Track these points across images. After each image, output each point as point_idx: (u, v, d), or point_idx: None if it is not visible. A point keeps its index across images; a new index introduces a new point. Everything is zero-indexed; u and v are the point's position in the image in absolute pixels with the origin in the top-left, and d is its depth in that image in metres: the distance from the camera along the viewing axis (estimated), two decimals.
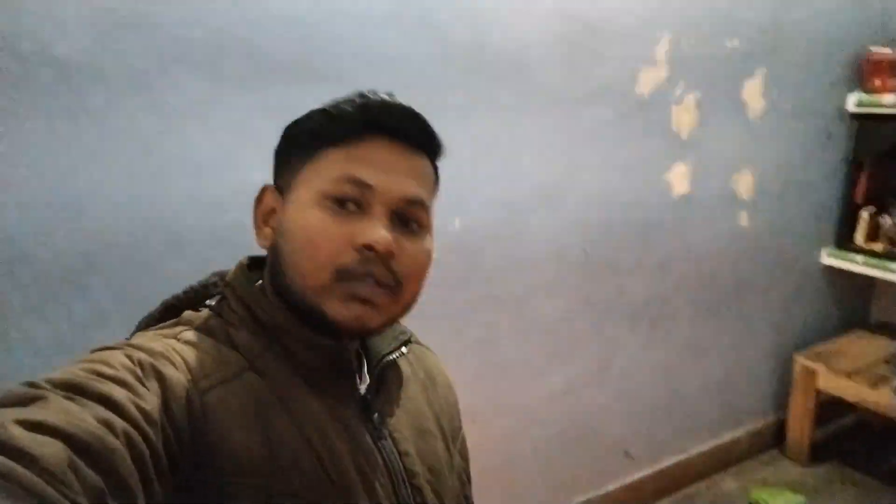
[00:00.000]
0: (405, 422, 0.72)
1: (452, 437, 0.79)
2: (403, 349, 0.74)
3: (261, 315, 0.64)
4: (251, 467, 0.56)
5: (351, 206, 0.62)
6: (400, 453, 0.68)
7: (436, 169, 0.71)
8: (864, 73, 2.41)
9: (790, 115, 2.31)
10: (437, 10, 1.49)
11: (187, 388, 0.56)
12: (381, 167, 0.63)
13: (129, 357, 0.54)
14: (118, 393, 0.49)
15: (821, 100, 2.39)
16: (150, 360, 0.55)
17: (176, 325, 0.65)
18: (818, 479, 2.49)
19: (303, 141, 0.66)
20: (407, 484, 0.67)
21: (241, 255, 0.73)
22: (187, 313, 0.66)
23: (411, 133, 0.65)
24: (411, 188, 0.64)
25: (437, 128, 0.68)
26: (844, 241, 2.57)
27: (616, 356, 2.10)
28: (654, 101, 1.94)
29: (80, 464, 0.42)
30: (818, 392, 2.47)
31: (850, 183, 2.53)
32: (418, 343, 0.83)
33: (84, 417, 0.45)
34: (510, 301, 1.80)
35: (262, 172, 0.73)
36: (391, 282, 0.62)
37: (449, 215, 1.62)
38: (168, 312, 0.68)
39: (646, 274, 2.08)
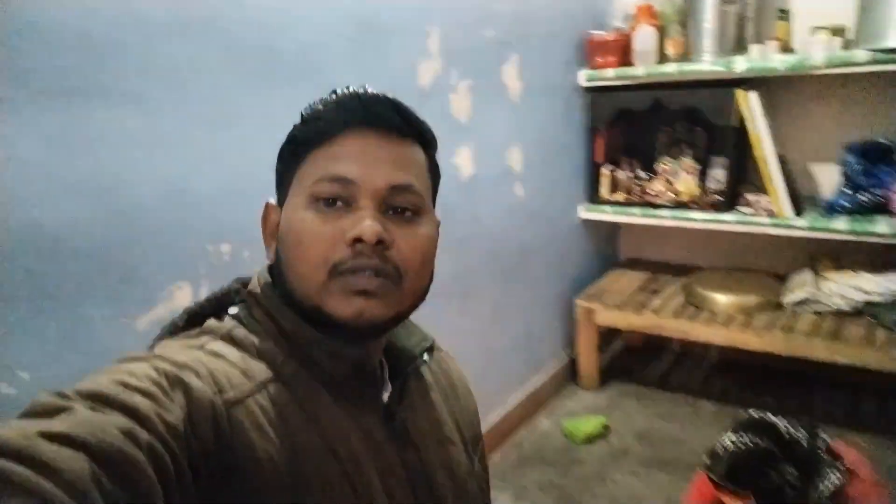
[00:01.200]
0: (427, 430, 0.72)
1: (473, 445, 0.80)
2: (426, 357, 0.74)
3: (284, 325, 0.64)
4: (276, 479, 0.56)
5: (338, 204, 0.62)
6: (422, 462, 0.69)
7: (430, 156, 0.70)
8: (589, 52, 2.85)
9: (540, 93, 2.63)
10: (224, 15, 1.42)
11: (213, 400, 0.55)
12: (361, 160, 0.62)
13: (155, 368, 0.53)
14: (143, 405, 0.49)
15: (560, 77, 2.77)
16: (176, 371, 0.54)
17: (200, 334, 0.63)
18: (610, 399, 2.93)
19: (288, 150, 0.67)
20: (430, 493, 0.68)
21: None
22: (211, 322, 0.65)
23: (389, 121, 0.65)
24: (395, 175, 0.63)
25: (236, 135, 0.69)
26: (594, 196, 3.02)
27: (436, 332, 2.22)
28: (433, 91, 2.07)
29: (104, 478, 0.43)
30: (598, 327, 2.90)
31: (591, 146, 2.98)
32: (439, 349, 0.82)
33: (109, 429, 0.45)
34: None
35: None
36: (390, 272, 0.62)
37: None
38: (191, 320, 0.67)
39: (452, 253, 2.24)
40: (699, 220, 2.76)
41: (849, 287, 2.56)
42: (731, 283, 2.80)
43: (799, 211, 2.60)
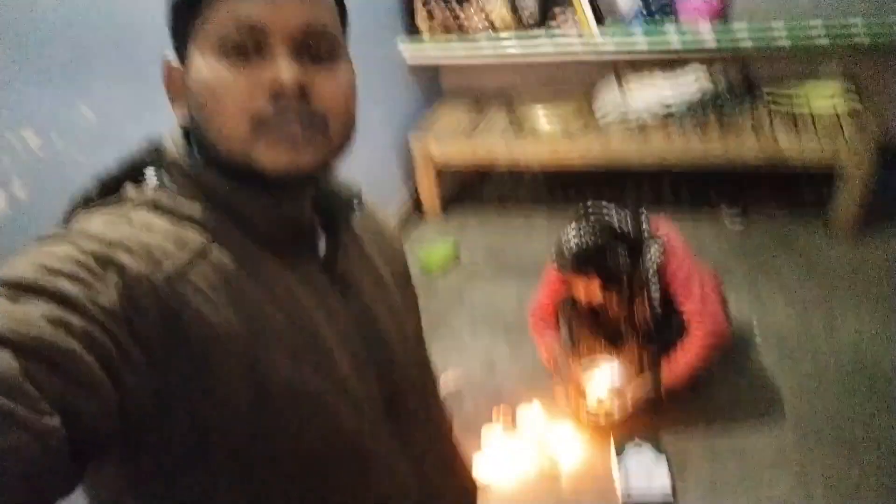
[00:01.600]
0: (364, 274, 0.72)
1: (405, 280, 0.81)
2: (356, 206, 0.72)
3: (208, 184, 0.60)
4: (231, 342, 0.56)
5: (249, 51, 0.57)
6: (364, 308, 0.69)
7: (339, 2, 0.64)
8: None
9: None
10: None
11: (150, 276, 0.53)
12: (268, 1, 0.56)
13: (80, 249, 0.51)
14: (71, 290, 0.47)
15: None
16: (105, 250, 0.51)
17: (121, 203, 0.59)
18: (454, 227, 3.11)
19: (181, 1, 0.59)
20: (377, 337, 0.70)
21: None
22: (130, 189, 0.60)
23: None
24: (306, 14, 0.58)
25: None
26: (411, 27, 2.96)
27: None
28: None
29: (35, 371, 0.42)
30: (433, 159, 2.97)
31: None
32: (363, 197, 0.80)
33: (34, 321, 0.44)
34: None
35: None
36: (315, 119, 0.58)
37: None
38: (105, 190, 0.61)
39: None
40: (516, 49, 2.84)
41: (650, 94, 2.84)
42: (549, 104, 2.97)
43: (601, 22, 2.78)
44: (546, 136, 2.84)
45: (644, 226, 1.81)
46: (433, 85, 3.41)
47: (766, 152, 2.54)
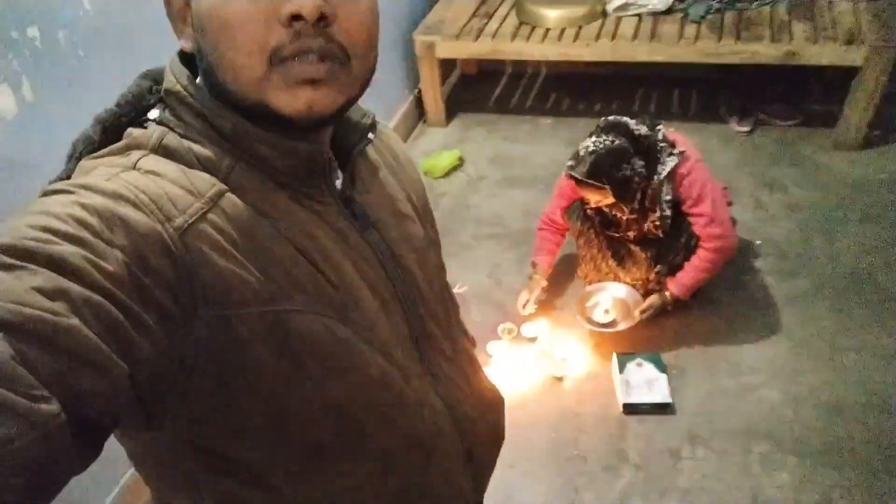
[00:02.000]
0: (384, 208, 0.69)
1: (424, 213, 0.79)
2: (371, 135, 0.68)
3: (221, 124, 0.56)
4: (252, 294, 0.54)
5: None
6: (385, 240, 0.67)
7: None
8: None
9: None
10: None
11: (161, 231, 0.50)
12: None
13: (83, 205, 0.47)
14: (72, 255, 0.44)
15: None
16: (110, 205, 0.48)
17: (127, 149, 0.55)
18: (458, 132, 3.05)
19: None
20: (397, 268, 0.68)
21: None
22: (135, 132, 0.57)
23: None
24: None
25: None
26: None
27: None
28: None
29: (29, 352, 0.39)
30: (439, 60, 2.86)
31: None
32: (379, 123, 0.75)
33: (28, 296, 0.40)
34: None
35: None
36: (337, 52, 0.53)
37: None
38: (107, 133, 0.57)
39: None
40: None
41: None
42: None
43: None
44: (556, 31, 2.72)
45: (660, 137, 1.79)
46: None
47: (782, 50, 2.46)
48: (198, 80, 0.59)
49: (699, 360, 1.94)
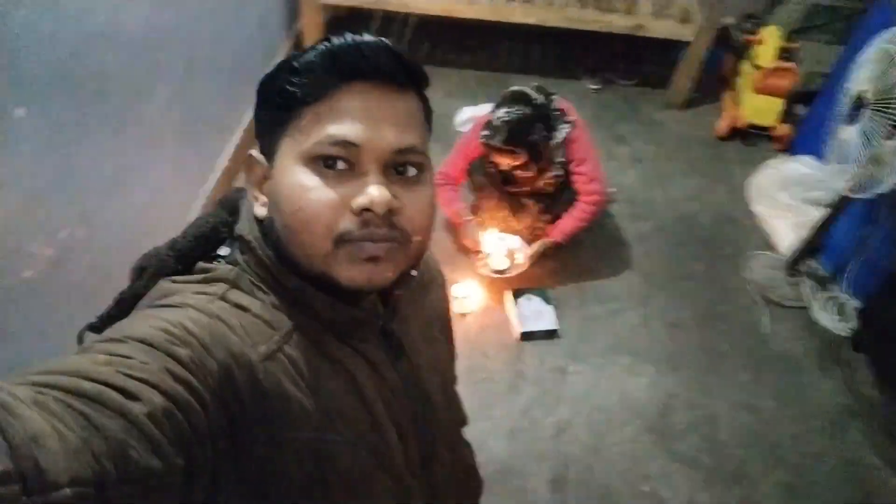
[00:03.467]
0: (417, 335, 0.74)
1: (446, 328, 0.85)
2: (415, 272, 0.71)
3: (284, 280, 0.62)
4: (306, 422, 0.60)
5: (340, 165, 0.57)
6: (413, 367, 0.73)
7: (424, 102, 0.64)
8: None
9: None
10: None
11: (249, 355, 0.57)
12: (363, 120, 0.57)
13: (192, 320, 0.56)
14: (185, 355, 0.53)
15: None
16: (213, 323, 0.56)
17: (212, 280, 0.62)
18: None
19: (276, 101, 0.59)
20: (420, 393, 0.74)
21: None
22: (215, 268, 0.63)
23: (389, 71, 0.58)
24: (400, 137, 0.58)
25: None
26: None
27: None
28: None
29: (172, 412, 0.48)
30: (321, 4, 2.85)
31: None
32: None
33: (163, 375, 0.50)
34: None
35: None
36: (399, 237, 0.59)
37: None
38: (180, 261, 0.64)
39: None
40: None
41: None
42: None
43: None
44: None
45: (554, 106, 2.07)
46: None
47: (633, 23, 2.86)
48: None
49: (574, 293, 2.33)
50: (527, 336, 2.16)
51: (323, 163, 0.57)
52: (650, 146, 2.97)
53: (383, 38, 0.59)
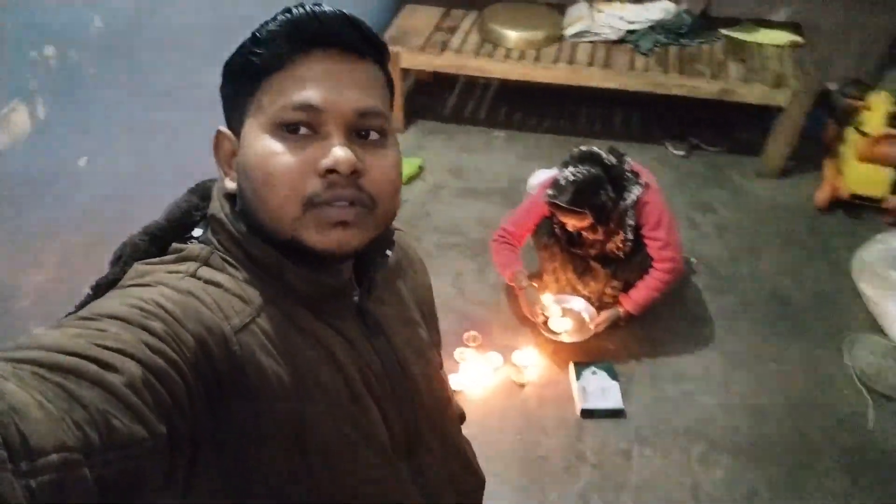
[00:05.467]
0: (395, 316, 0.75)
1: (430, 318, 0.85)
2: (389, 251, 0.73)
3: (254, 253, 0.63)
4: (284, 394, 0.60)
5: (304, 131, 0.59)
6: (392, 346, 0.73)
7: (385, 72, 0.66)
8: None
9: None
10: None
11: (223, 328, 0.58)
12: (324, 85, 0.59)
13: (164, 296, 0.56)
14: (160, 329, 0.53)
15: None
16: (185, 298, 0.57)
17: (183, 259, 0.62)
18: (417, 139, 3.14)
19: (241, 75, 0.61)
20: (401, 373, 0.74)
21: None
22: (187, 247, 0.64)
23: (349, 40, 0.60)
24: (362, 100, 0.60)
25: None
26: None
27: None
28: None
29: (151, 381, 0.48)
30: (402, 70, 2.94)
31: None
32: (397, 230, 0.80)
33: (140, 346, 0.50)
34: None
35: None
36: (365, 200, 0.61)
37: None
38: (154, 243, 0.65)
39: None
40: None
41: (616, 17, 2.91)
42: (520, 18, 2.97)
43: None
44: (517, 52, 2.87)
45: (627, 167, 1.98)
46: None
47: (719, 87, 2.73)
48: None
49: (645, 369, 2.15)
50: (589, 413, 2.00)
51: (286, 129, 0.58)
52: (738, 215, 2.77)
53: (342, 9, 0.60)
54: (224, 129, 0.64)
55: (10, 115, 1.16)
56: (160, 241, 0.65)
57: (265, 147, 0.59)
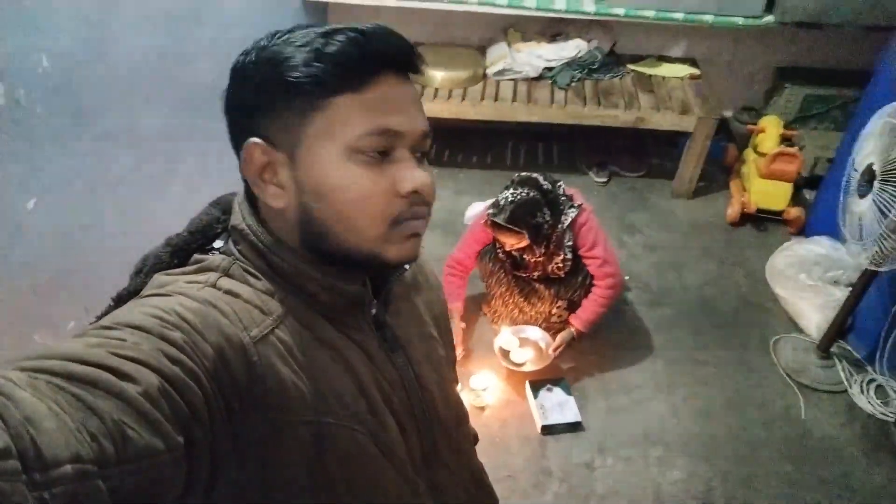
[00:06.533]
0: (411, 330, 0.76)
1: (445, 334, 0.86)
2: (406, 266, 0.75)
3: (277, 262, 0.64)
4: (302, 404, 0.61)
5: (378, 153, 0.60)
6: (409, 360, 0.74)
7: None
8: None
9: None
10: None
11: (242, 338, 0.58)
12: (400, 109, 0.60)
13: (183, 306, 0.56)
14: (180, 338, 0.53)
15: None
16: (204, 308, 0.57)
17: (200, 271, 0.63)
18: None
19: (295, 91, 0.58)
20: (418, 387, 0.74)
21: None
22: (207, 258, 0.64)
23: (410, 62, 0.62)
24: (424, 122, 0.63)
25: None
26: None
27: None
28: None
29: (169, 391, 0.49)
30: None
31: None
32: None
33: (159, 356, 0.50)
34: None
35: None
36: (428, 212, 0.65)
37: None
38: (175, 255, 0.66)
39: None
40: None
41: (534, 56, 3.10)
42: (444, 60, 3.09)
43: None
44: (444, 91, 2.99)
45: (561, 191, 2.09)
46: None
47: (634, 116, 2.94)
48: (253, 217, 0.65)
49: (596, 383, 2.24)
50: (549, 429, 2.05)
51: (368, 154, 0.59)
52: (662, 234, 2.96)
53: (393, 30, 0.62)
54: (258, 140, 0.60)
55: None
56: (182, 252, 0.66)
57: (349, 173, 0.59)
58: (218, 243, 0.67)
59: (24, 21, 1.25)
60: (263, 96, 0.60)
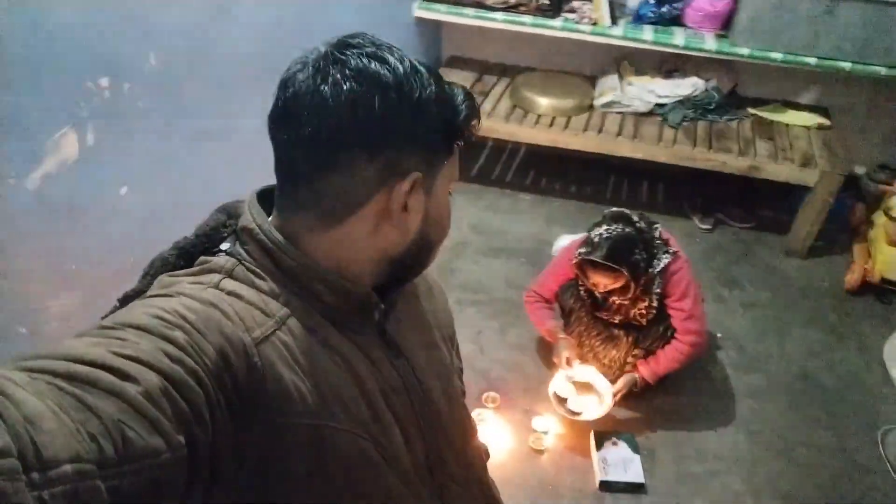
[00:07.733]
0: (416, 339, 0.77)
1: (451, 341, 0.87)
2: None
3: (285, 261, 0.64)
4: (304, 408, 0.61)
5: None
6: (414, 368, 0.74)
7: None
8: None
9: None
10: None
11: (243, 339, 0.58)
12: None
13: (185, 306, 0.56)
14: (182, 338, 0.53)
15: None
16: (206, 309, 0.57)
17: (207, 272, 0.63)
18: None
19: (447, 136, 0.66)
20: (423, 396, 0.74)
21: None
22: (214, 260, 0.64)
23: None
24: None
25: None
26: None
27: None
28: None
29: (170, 391, 0.49)
30: None
31: None
32: None
33: (161, 356, 0.50)
34: None
35: None
36: None
37: None
38: (182, 257, 0.66)
39: None
40: (528, 24, 2.87)
41: (646, 91, 2.97)
42: (552, 87, 3.04)
43: (615, 20, 2.85)
44: (547, 119, 2.92)
45: (657, 233, 1.96)
46: (434, 50, 3.38)
47: (747, 164, 2.74)
48: (270, 219, 0.67)
49: (668, 443, 2.07)
50: (608, 486, 1.91)
51: (451, 191, 0.71)
52: (766, 292, 2.72)
53: None
54: (417, 175, 0.64)
55: (60, 140, 1.18)
56: (188, 255, 0.67)
57: (446, 201, 0.70)
58: (225, 246, 0.67)
59: (137, 21, 1.33)
60: (432, 134, 0.64)
